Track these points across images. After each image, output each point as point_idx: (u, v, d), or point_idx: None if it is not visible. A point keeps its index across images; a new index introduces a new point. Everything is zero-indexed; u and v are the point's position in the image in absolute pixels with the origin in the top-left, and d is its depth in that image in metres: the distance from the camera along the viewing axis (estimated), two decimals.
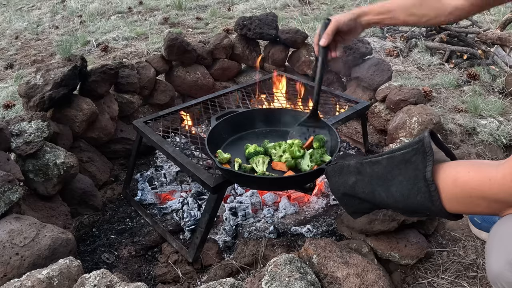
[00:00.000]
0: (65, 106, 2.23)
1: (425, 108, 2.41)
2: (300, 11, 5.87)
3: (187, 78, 2.98)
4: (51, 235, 1.47)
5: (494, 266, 0.89)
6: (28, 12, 6.63)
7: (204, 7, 6.31)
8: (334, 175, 1.22)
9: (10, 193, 1.54)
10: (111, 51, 4.40)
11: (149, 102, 2.87)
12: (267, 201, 2.17)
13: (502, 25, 4.10)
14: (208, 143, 1.64)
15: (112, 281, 1.26)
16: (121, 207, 2.26)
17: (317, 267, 1.45)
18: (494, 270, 0.89)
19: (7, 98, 3.20)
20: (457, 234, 1.83)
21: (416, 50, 4.23)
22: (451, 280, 1.65)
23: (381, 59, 2.97)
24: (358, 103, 2.34)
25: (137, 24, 5.39)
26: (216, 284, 1.27)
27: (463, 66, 3.83)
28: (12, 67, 4.23)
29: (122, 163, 2.62)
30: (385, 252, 1.67)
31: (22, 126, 1.90)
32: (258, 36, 3.19)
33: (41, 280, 1.24)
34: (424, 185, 0.96)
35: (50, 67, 2.19)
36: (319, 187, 2.26)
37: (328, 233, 1.98)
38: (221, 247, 1.92)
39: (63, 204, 1.98)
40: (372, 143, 2.74)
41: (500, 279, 0.88)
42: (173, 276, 1.81)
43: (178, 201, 2.20)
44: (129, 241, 2.00)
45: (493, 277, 0.90)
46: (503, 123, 2.68)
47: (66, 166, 1.96)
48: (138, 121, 2.11)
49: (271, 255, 1.83)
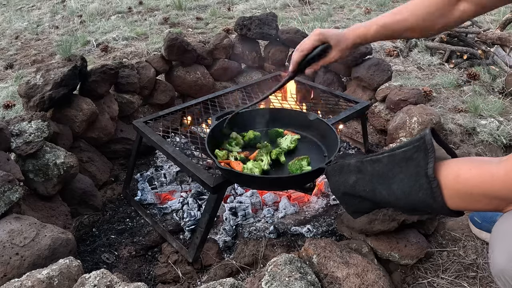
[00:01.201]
0: (65, 106, 2.23)
1: (425, 108, 2.41)
2: (300, 11, 5.87)
3: (187, 78, 2.98)
4: (51, 235, 1.47)
5: (498, 261, 0.89)
6: (28, 12, 6.63)
7: (204, 7, 6.32)
8: (334, 175, 1.22)
9: (10, 193, 1.54)
10: (111, 51, 4.40)
11: (149, 102, 2.87)
12: (267, 201, 2.17)
13: (502, 25, 4.10)
14: (208, 143, 1.64)
15: (112, 281, 1.26)
16: (121, 207, 2.26)
17: (317, 267, 1.45)
18: (498, 265, 0.89)
19: (7, 98, 3.20)
20: (457, 234, 1.83)
21: (416, 50, 4.23)
22: (451, 280, 1.65)
23: (381, 59, 2.97)
24: (358, 103, 2.34)
25: (137, 24, 5.40)
26: (216, 284, 1.27)
27: (463, 66, 3.83)
28: (12, 67, 4.23)
29: (122, 163, 2.62)
30: (385, 252, 1.67)
31: (22, 126, 1.90)
32: (258, 36, 3.19)
33: (41, 280, 1.24)
34: (425, 181, 0.96)
35: (50, 67, 2.19)
36: (319, 187, 2.26)
37: (328, 233, 1.98)
38: (221, 247, 1.92)
39: (63, 204, 1.98)
40: (372, 143, 2.74)
41: (505, 273, 0.88)
42: (173, 276, 1.81)
43: (178, 201, 2.20)
44: (129, 241, 2.00)
45: (497, 272, 0.90)
46: (503, 123, 2.68)
47: (66, 166, 1.96)
48: (138, 121, 2.11)
49: (271, 255, 1.83)
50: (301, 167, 1.59)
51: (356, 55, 2.90)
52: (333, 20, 5.45)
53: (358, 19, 5.51)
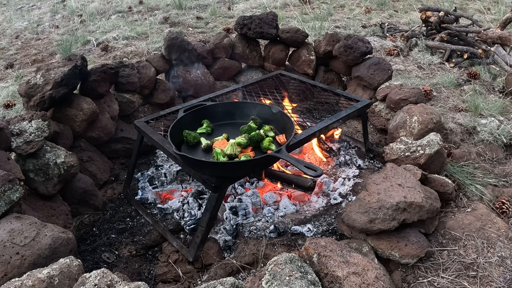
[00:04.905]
0: (66, 105, 2.23)
1: (426, 107, 2.41)
2: (300, 10, 5.87)
3: (187, 78, 2.98)
4: (51, 234, 1.47)
5: None
6: (28, 11, 6.63)
7: (204, 6, 6.31)
8: None
9: (11, 193, 1.54)
10: (111, 50, 4.40)
11: (150, 102, 2.87)
12: (268, 201, 2.17)
13: (503, 24, 4.09)
14: (170, 130, 1.75)
15: (113, 280, 1.26)
16: (121, 207, 2.26)
17: (318, 266, 1.45)
18: None
19: (8, 98, 3.21)
20: (457, 234, 1.83)
21: (417, 49, 4.23)
22: (452, 279, 1.65)
23: (382, 58, 2.96)
24: (359, 102, 2.34)
25: (137, 23, 5.39)
26: (216, 283, 1.27)
27: (464, 65, 3.83)
28: (12, 66, 4.23)
29: (123, 163, 2.62)
30: (385, 251, 1.67)
31: (23, 126, 1.90)
32: (258, 36, 3.19)
33: (41, 280, 1.24)
34: None
35: (50, 66, 2.19)
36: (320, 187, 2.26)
37: (328, 232, 1.98)
38: (222, 246, 1.92)
39: (64, 204, 1.98)
40: (372, 142, 2.74)
41: None
42: (173, 276, 1.81)
43: (178, 201, 2.20)
44: (130, 240, 2.00)
45: None
46: (503, 122, 2.68)
47: (67, 165, 1.96)
48: (140, 121, 2.11)
49: (272, 254, 1.83)
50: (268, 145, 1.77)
51: (356, 54, 2.90)
52: (333, 19, 5.45)
53: (358, 19, 5.51)
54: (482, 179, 2.21)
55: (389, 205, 1.68)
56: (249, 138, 1.79)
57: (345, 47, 2.92)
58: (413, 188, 1.76)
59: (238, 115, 2.05)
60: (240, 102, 2.18)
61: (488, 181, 2.21)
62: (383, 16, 5.66)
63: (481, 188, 2.12)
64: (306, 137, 1.97)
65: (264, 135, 1.83)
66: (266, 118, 1.98)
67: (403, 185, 1.77)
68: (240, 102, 2.12)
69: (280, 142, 1.80)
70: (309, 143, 2.49)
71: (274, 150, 1.72)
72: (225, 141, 1.81)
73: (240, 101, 2.43)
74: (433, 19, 4.31)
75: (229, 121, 2.04)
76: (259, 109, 2.02)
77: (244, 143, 1.77)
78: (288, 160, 1.56)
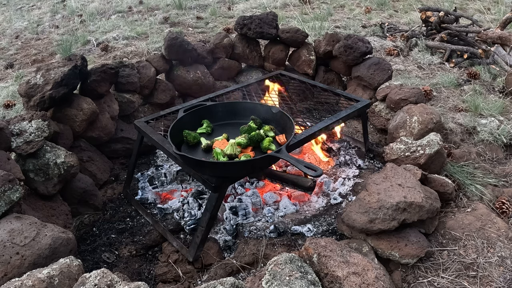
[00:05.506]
0: (66, 105, 2.23)
1: (426, 107, 2.41)
2: (300, 10, 5.86)
3: (187, 78, 2.98)
4: (51, 234, 1.47)
5: None
6: (28, 11, 6.63)
7: (204, 6, 6.31)
8: None
9: (11, 193, 1.54)
10: (111, 50, 4.40)
11: (150, 102, 2.87)
12: (268, 201, 2.17)
13: (503, 24, 4.09)
14: (170, 130, 1.74)
15: (113, 280, 1.26)
16: (121, 207, 2.26)
17: (318, 266, 1.45)
18: None
19: (8, 98, 3.21)
20: (457, 234, 1.83)
21: (417, 49, 4.23)
22: (452, 279, 1.65)
23: (382, 58, 2.96)
24: (359, 102, 2.34)
25: (137, 23, 5.39)
26: (216, 283, 1.27)
27: (464, 65, 3.83)
28: (12, 66, 4.23)
29: (123, 163, 2.62)
30: (385, 251, 1.67)
31: (23, 126, 1.90)
32: (259, 36, 3.19)
33: (41, 280, 1.24)
34: None
35: (50, 66, 2.19)
36: (320, 186, 2.26)
37: (328, 232, 1.98)
38: (222, 246, 1.92)
39: (64, 204, 1.98)
40: (372, 142, 2.74)
41: None
42: (173, 276, 1.81)
43: (178, 201, 2.20)
44: (130, 240, 2.00)
45: None
46: (503, 122, 2.68)
47: (67, 165, 1.96)
48: (140, 121, 2.11)
49: (272, 254, 1.83)
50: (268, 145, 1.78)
51: (356, 54, 2.90)
52: (333, 19, 5.45)
53: (358, 19, 5.51)
54: (482, 179, 2.21)
55: (389, 205, 1.68)
56: (249, 138, 1.79)
57: (345, 47, 2.92)
58: (413, 188, 1.76)
59: (238, 115, 2.04)
60: (240, 102, 2.18)
61: (488, 181, 2.21)
62: (383, 16, 5.66)
63: (481, 188, 2.12)
64: (306, 137, 1.98)
65: (264, 135, 1.83)
66: (266, 118, 1.98)
67: (403, 185, 1.77)
68: (240, 102, 2.12)
69: (280, 142, 1.80)
70: (309, 143, 2.49)
71: (274, 150, 1.72)
72: (225, 141, 1.81)
73: (240, 101, 2.44)
74: (433, 19, 4.31)
75: (229, 121, 2.04)
76: (259, 109, 2.02)
77: (244, 143, 1.77)
78: (288, 160, 1.56)
